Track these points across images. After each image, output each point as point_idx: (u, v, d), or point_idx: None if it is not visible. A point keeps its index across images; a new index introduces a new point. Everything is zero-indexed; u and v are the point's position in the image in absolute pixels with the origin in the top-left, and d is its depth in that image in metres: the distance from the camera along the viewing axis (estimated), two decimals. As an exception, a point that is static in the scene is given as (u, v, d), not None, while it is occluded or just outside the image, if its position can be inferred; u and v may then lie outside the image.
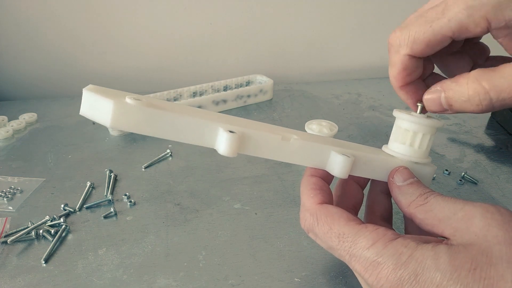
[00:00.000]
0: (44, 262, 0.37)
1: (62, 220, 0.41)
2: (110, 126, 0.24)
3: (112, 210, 0.42)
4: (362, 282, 0.27)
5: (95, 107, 0.25)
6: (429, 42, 0.27)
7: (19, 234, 0.39)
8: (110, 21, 0.71)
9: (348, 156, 0.29)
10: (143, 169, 0.51)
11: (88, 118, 0.26)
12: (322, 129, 0.53)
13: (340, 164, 0.29)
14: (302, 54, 0.82)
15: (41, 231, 0.39)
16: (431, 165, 0.32)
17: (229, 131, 0.26)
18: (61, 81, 0.75)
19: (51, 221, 0.41)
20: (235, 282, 0.35)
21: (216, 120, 0.27)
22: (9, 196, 0.45)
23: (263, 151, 0.28)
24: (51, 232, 0.40)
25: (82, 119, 0.62)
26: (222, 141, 0.26)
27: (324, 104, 0.70)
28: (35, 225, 0.40)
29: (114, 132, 0.58)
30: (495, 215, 0.24)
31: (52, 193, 0.46)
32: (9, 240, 0.38)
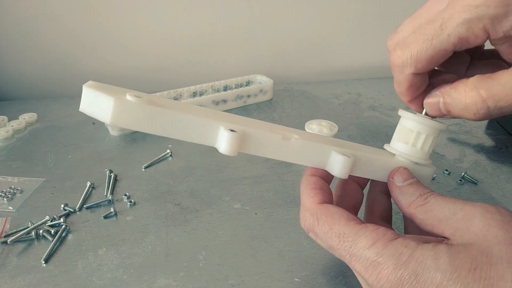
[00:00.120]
0: (44, 262, 0.37)
1: (62, 220, 0.41)
2: (110, 123, 0.24)
3: (112, 210, 0.42)
4: (362, 282, 0.27)
5: (95, 104, 0.24)
6: (432, 58, 0.27)
7: (19, 234, 0.39)
8: (110, 21, 0.71)
9: (348, 156, 0.29)
10: (143, 169, 0.51)
11: (87, 115, 0.25)
12: (322, 129, 0.53)
13: (340, 164, 0.29)
14: (302, 54, 0.81)
15: (41, 231, 0.39)
16: (431, 166, 0.33)
17: (230, 130, 0.26)
18: (61, 81, 0.75)
19: (51, 221, 0.41)
20: (235, 282, 0.35)
21: (217, 119, 0.26)
22: (9, 196, 0.45)
23: (263, 150, 0.28)
24: (51, 232, 0.40)
25: (82, 119, 0.62)
26: (223, 140, 0.26)
27: (324, 104, 0.70)
28: (35, 225, 0.40)
29: (114, 132, 0.58)
30: (495, 215, 0.24)
31: (52, 193, 0.46)
32: (9, 240, 0.38)
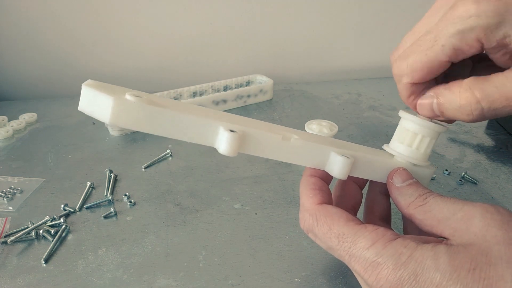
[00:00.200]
0: (44, 262, 0.37)
1: (62, 220, 0.41)
2: (110, 123, 0.24)
3: (112, 210, 0.42)
4: (362, 282, 0.27)
5: (94, 103, 0.24)
6: (427, 69, 0.27)
7: (19, 234, 0.39)
8: (110, 21, 0.71)
9: (347, 157, 0.29)
10: (143, 169, 0.51)
11: (87, 115, 0.25)
12: (322, 129, 0.53)
13: (340, 165, 0.29)
14: (302, 54, 0.81)
15: (41, 231, 0.39)
16: (430, 167, 0.32)
17: (230, 130, 0.26)
18: (61, 81, 0.75)
19: (51, 221, 0.41)
20: (235, 282, 0.35)
21: (217, 119, 0.26)
22: (9, 196, 0.45)
23: (263, 151, 0.28)
24: (51, 232, 0.40)
25: (82, 119, 0.62)
26: (222, 140, 0.26)
27: (324, 104, 0.70)
28: (35, 225, 0.40)
29: (114, 132, 0.58)
30: (494, 215, 0.24)
31: (52, 193, 0.46)
32: (9, 240, 0.38)
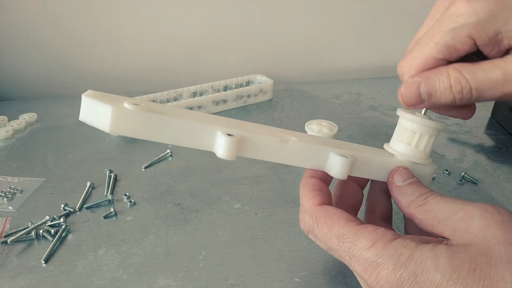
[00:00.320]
0: (44, 262, 0.37)
1: (62, 220, 0.41)
2: (109, 132, 0.24)
3: (112, 210, 0.42)
4: (362, 282, 0.27)
5: (94, 113, 0.25)
6: (424, 67, 0.28)
7: (19, 234, 0.39)
8: (110, 21, 0.71)
9: (346, 157, 0.29)
10: (143, 169, 0.51)
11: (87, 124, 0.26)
12: (322, 129, 0.53)
13: (339, 165, 0.29)
14: (302, 54, 0.81)
15: (41, 231, 0.39)
16: (431, 165, 0.32)
17: (227, 134, 0.26)
18: (61, 81, 0.75)
19: (51, 221, 0.41)
20: (235, 282, 0.35)
21: (214, 123, 0.27)
22: (9, 196, 0.45)
23: (261, 154, 0.28)
24: (51, 232, 0.40)
25: (82, 119, 0.62)
26: (220, 145, 0.26)
27: (324, 104, 0.70)
28: (35, 225, 0.40)
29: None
30: (494, 215, 0.24)
31: (52, 193, 0.46)
32: (9, 240, 0.38)
